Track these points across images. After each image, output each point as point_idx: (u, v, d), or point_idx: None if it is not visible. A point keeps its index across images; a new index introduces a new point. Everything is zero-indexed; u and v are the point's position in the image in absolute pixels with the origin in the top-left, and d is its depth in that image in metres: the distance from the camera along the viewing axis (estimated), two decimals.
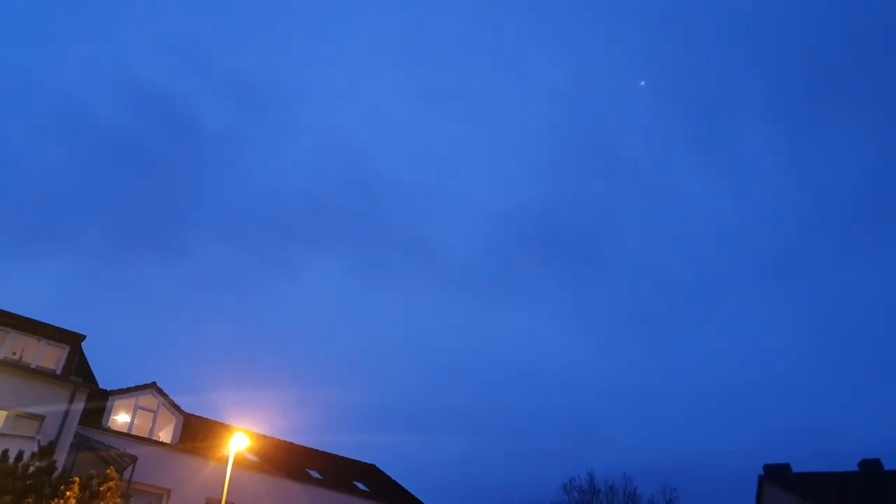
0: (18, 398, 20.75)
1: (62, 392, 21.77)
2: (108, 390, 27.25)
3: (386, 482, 39.09)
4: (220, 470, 22.44)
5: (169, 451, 27.39)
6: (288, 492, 30.31)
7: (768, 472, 38.90)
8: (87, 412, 23.27)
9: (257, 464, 30.06)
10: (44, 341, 22.66)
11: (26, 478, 16.09)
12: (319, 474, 33.38)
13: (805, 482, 36.13)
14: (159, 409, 28.47)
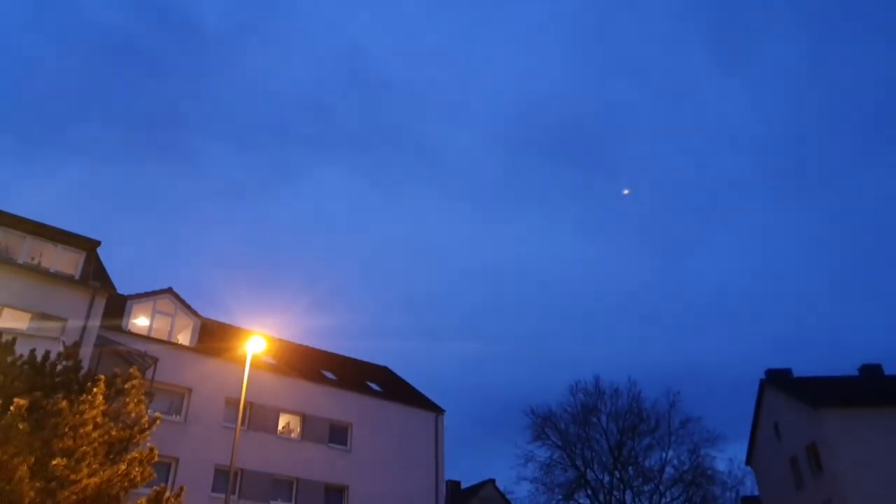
0: (40, 301, 21.29)
1: (82, 296, 22.29)
2: (126, 295, 27.90)
3: (398, 383, 40.51)
4: (238, 371, 23.25)
5: (188, 352, 28.35)
6: (304, 391, 31.53)
7: (770, 377, 39.89)
8: (106, 316, 23.92)
9: (274, 365, 31.11)
10: (60, 246, 23.00)
11: (54, 375, 16.74)
12: (334, 375, 34.59)
13: (805, 386, 37.08)
14: (176, 313, 29.22)
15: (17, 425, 14.12)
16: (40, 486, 14.04)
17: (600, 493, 42.09)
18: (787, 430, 37.40)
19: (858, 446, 31.85)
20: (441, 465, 35.61)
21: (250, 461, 27.20)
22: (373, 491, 31.35)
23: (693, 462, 41.49)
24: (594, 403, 43.10)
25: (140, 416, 17.76)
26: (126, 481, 16.17)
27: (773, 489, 39.57)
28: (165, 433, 20.86)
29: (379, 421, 33.63)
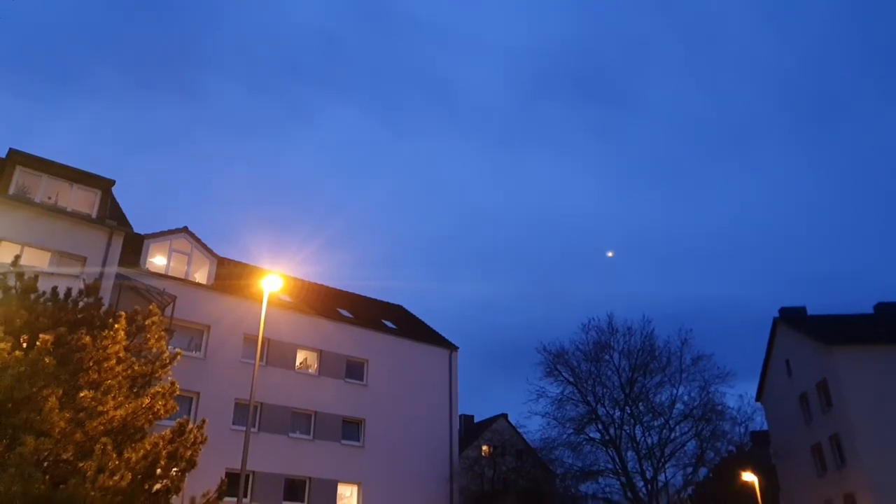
0: (59, 240, 21.57)
1: (99, 235, 22.54)
2: (143, 234, 28.19)
3: (412, 320, 41.07)
4: (255, 308, 23.65)
5: (205, 290, 28.79)
6: (320, 328, 32.09)
7: (783, 315, 39.95)
8: (124, 255, 24.25)
9: (290, 303, 31.57)
10: (76, 186, 23.13)
11: (77, 312, 17.10)
12: (349, 313, 35.10)
13: (819, 324, 37.12)
14: (193, 252, 29.53)
15: (43, 359, 14.53)
16: (69, 416, 14.54)
17: (611, 428, 42.87)
18: (799, 367, 37.70)
19: (869, 383, 32.11)
20: (455, 399, 36.44)
21: (269, 395, 27.97)
22: (389, 424, 32.26)
23: (703, 398, 41.94)
24: (607, 341, 43.31)
25: (161, 351, 18.21)
26: (150, 414, 16.72)
27: (782, 425, 40.22)
28: (186, 369, 21.46)
29: (394, 357, 34.29)
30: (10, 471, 13.43)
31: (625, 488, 42.34)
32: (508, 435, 47.44)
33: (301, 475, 28.96)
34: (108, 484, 14.18)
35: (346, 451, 30.79)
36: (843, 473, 33.10)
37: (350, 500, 30.41)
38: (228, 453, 22.92)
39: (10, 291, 16.33)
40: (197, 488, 17.96)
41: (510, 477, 36.99)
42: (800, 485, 37.82)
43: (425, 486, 31.90)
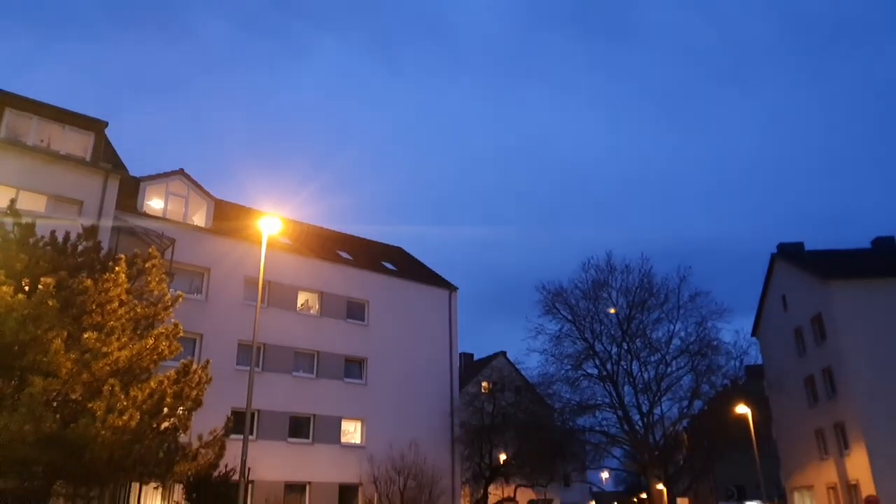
0: (54, 183, 21.36)
1: (94, 178, 22.32)
2: (139, 177, 27.93)
3: (412, 262, 41.22)
4: (255, 251, 23.65)
5: (204, 233, 28.73)
6: (320, 270, 32.22)
7: (781, 251, 40.13)
8: (121, 198, 24.06)
9: (290, 245, 31.58)
10: (68, 128, 22.74)
11: (76, 256, 17.10)
12: (349, 255, 35.17)
13: (816, 259, 37.33)
14: (189, 194, 29.33)
15: (46, 302, 14.62)
16: (75, 358, 14.74)
17: (608, 364, 43.62)
18: (795, 301, 38.14)
19: (863, 316, 32.53)
20: (455, 338, 36.95)
21: (272, 336, 28.31)
22: (390, 363, 32.80)
23: (700, 334, 42.55)
24: (605, 279, 43.59)
25: (162, 294, 18.32)
26: (155, 354, 16.96)
27: (776, 358, 40.98)
28: (188, 311, 21.61)
29: (394, 298, 34.57)
30: (21, 410, 13.70)
31: (621, 421, 43.42)
32: (507, 372, 48.31)
33: (305, 412, 29.61)
34: (117, 423, 14.50)
35: (349, 388, 31.40)
36: (833, 403, 33.92)
37: (354, 435, 31.19)
38: (233, 393, 23.34)
39: (8, 236, 16.28)
40: (204, 426, 18.38)
41: (509, 411, 37.89)
42: (791, 415, 38.81)
43: (427, 421, 32.69)
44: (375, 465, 28.61)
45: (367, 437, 31.01)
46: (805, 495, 38.79)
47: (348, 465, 29.42)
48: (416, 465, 29.03)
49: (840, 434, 33.56)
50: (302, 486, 28.57)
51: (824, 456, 35.35)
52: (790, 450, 39.90)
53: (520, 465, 37.90)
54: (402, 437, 29.74)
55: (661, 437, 43.93)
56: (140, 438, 15.59)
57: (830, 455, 34.60)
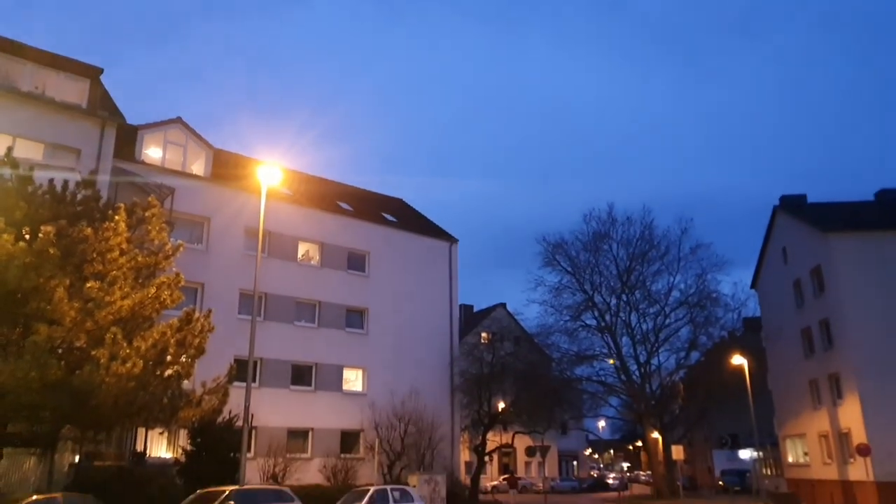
0: (51, 131, 21.10)
1: (91, 125, 22.05)
2: (136, 125, 27.60)
3: (412, 214, 41.12)
4: (255, 200, 23.51)
5: (203, 182, 28.56)
6: (321, 221, 32.15)
7: (783, 203, 39.96)
8: (119, 147, 23.80)
9: (290, 196, 31.43)
10: (63, 75, 22.33)
11: (76, 204, 17.03)
12: (349, 206, 35.05)
13: (819, 211, 37.19)
14: (188, 143, 29.03)
15: (47, 251, 14.62)
16: (78, 306, 14.83)
17: (606, 315, 44.01)
18: (795, 254, 38.17)
19: (863, 269, 32.57)
20: (455, 290, 37.14)
21: (273, 286, 28.44)
22: (391, 313, 33.04)
23: (699, 286, 42.80)
24: (606, 231, 43.64)
25: (163, 243, 18.32)
26: (157, 303, 17.08)
27: (774, 310, 41.26)
28: (189, 261, 21.64)
29: (395, 249, 34.60)
30: (26, 357, 13.86)
31: (618, 371, 44.06)
32: (506, 323, 48.82)
33: (307, 361, 30.00)
34: (121, 370, 14.70)
35: (351, 338, 31.73)
36: (829, 355, 34.31)
37: (355, 383, 31.67)
38: (236, 341, 23.59)
39: (6, 184, 16.17)
40: (207, 374, 18.64)
41: (508, 361, 38.38)
42: (787, 366, 39.31)
43: (427, 370, 33.13)
44: (376, 411, 29.13)
45: (368, 385, 31.50)
46: (797, 443, 39.61)
47: (350, 411, 29.96)
48: (416, 412, 29.56)
49: (834, 384, 34.04)
50: (305, 431, 29.15)
51: (817, 406, 35.95)
52: (784, 400, 40.57)
53: (518, 412, 38.59)
54: (402, 385, 30.20)
55: (658, 387, 44.66)
56: (144, 385, 15.83)
57: (823, 405, 35.19)
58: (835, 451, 34.14)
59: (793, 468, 39.91)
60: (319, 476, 26.34)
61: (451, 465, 32.96)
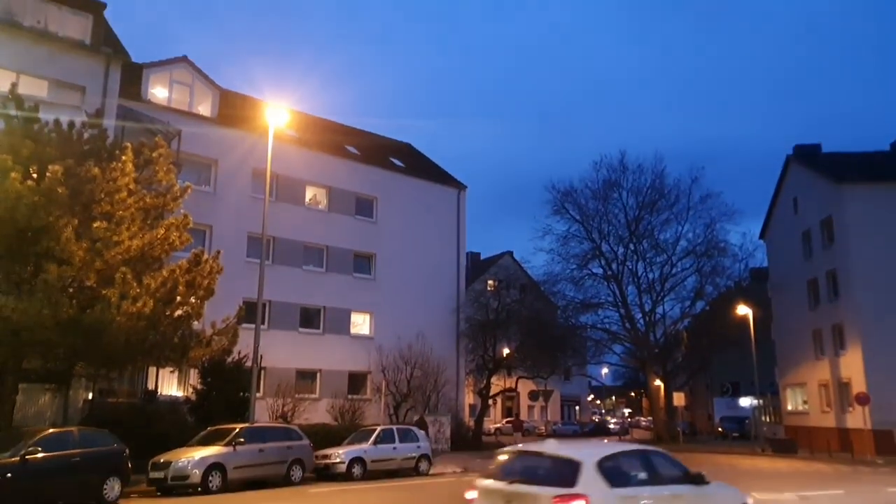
0: (54, 67, 20.76)
1: (96, 63, 21.67)
2: (141, 63, 27.14)
3: (420, 159, 40.75)
4: (262, 142, 23.26)
5: (210, 123, 28.26)
6: (328, 165, 31.92)
7: (797, 152, 39.37)
8: (124, 86, 23.41)
9: (297, 138, 31.12)
10: (65, 9, 21.75)
11: (83, 143, 16.87)
12: (357, 150, 34.73)
13: (832, 161, 36.65)
14: (194, 83, 28.61)
15: (55, 190, 14.58)
16: (87, 246, 14.88)
17: (613, 264, 44.09)
18: (806, 204, 37.83)
19: (874, 221, 32.29)
20: (462, 237, 37.14)
21: (281, 230, 28.40)
22: (398, 259, 33.14)
23: (707, 235, 42.69)
24: (616, 179, 43.31)
25: (170, 184, 18.22)
26: (165, 244, 17.11)
27: (782, 261, 41.19)
28: (197, 203, 21.58)
29: (403, 195, 34.43)
30: (37, 296, 13.99)
31: (623, 320, 44.41)
32: (513, 271, 48.95)
33: (315, 304, 30.28)
34: (132, 309, 14.84)
35: (359, 282, 31.93)
36: (834, 306, 34.39)
37: (363, 327, 32.04)
38: (244, 284, 23.73)
39: (12, 121, 16.02)
40: (217, 315, 18.82)
41: (513, 308, 38.65)
42: (791, 317, 39.48)
43: (434, 315, 33.42)
44: (384, 354, 29.54)
45: (375, 329, 31.86)
46: (797, 391, 40.14)
47: (357, 354, 30.40)
48: (422, 355, 29.97)
49: (837, 335, 34.24)
50: (313, 373, 29.67)
51: (819, 356, 36.26)
52: (787, 349, 40.90)
53: (522, 358, 39.12)
54: (409, 329, 30.50)
55: (662, 335, 45.09)
56: (155, 325, 16.02)
57: (825, 355, 35.49)
58: (834, 400, 34.62)
59: (791, 416, 40.56)
60: (327, 416, 26.91)
61: (456, 408, 33.64)
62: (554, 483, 7.02)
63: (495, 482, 7.64)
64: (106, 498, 13.70)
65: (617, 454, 7.97)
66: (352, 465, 19.13)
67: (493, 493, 7.54)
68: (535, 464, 7.79)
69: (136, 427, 17.72)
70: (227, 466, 16.12)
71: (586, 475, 7.00)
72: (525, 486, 7.22)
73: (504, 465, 8.06)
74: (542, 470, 7.53)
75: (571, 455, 7.50)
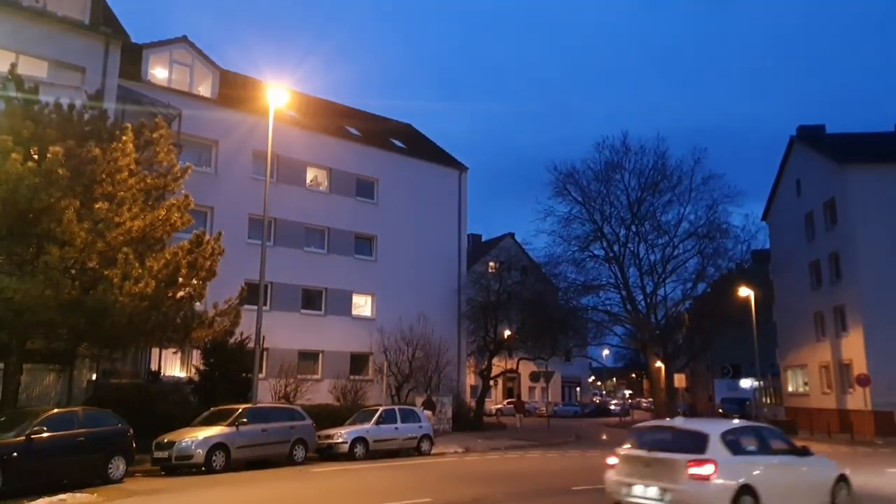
0: (53, 47, 20.60)
1: (95, 43, 21.51)
2: (141, 44, 26.96)
3: (421, 140, 40.59)
4: (262, 123, 23.16)
5: (210, 104, 28.14)
6: (329, 146, 31.82)
7: (800, 133, 39.14)
8: (124, 67, 23.25)
9: (297, 119, 30.99)
10: None
11: (83, 124, 16.80)
12: (357, 131, 34.58)
13: (836, 142, 36.46)
14: (194, 63, 28.43)
15: (56, 171, 14.54)
16: (88, 227, 14.87)
17: (615, 245, 43.97)
18: (809, 186, 37.69)
19: (877, 203, 32.19)
20: (463, 219, 37.11)
21: (282, 211, 28.39)
22: (400, 241, 33.12)
23: (710, 217, 42.51)
24: (618, 160, 43.03)
25: (171, 165, 18.18)
26: (167, 225, 17.10)
27: (784, 243, 41.14)
28: (198, 184, 21.55)
29: (404, 177, 34.33)
30: (39, 277, 14.02)
31: (624, 301, 44.40)
32: (514, 252, 48.86)
33: (317, 286, 30.35)
34: (134, 290, 14.87)
35: (360, 264, 31.95)
36: (836, 288, 34.40)
37: (365, 308, 32.13)
38: (246, 265, 23.74)
39: (12, 101, 15.94)
40: (219, 296, 18.85)
41: (514, 290, 38.68)
42: (793, 299, 39.52)
43: (435, 297, 33.48)
44: (385, 336, 29.62)
45: (377, 311, 31.95)
46: (798, 373, 40.30)
47: (359, 335, 30.49)
48: (423, 337, 30.06)
49: (839, 317, 34.28)
50: (315, 354, 29.80)
51: (820, 337, 36.34)
52: (788, 331, 40.99)
53: (523, 339, 39.22)
54: (410, 311, 30.56)
55: (663, 317, 45.08)
56: (157, 305, 16.06)
57: (827, 337, 35.56)
58: (834, 382, 34.75)
59: (792, 397, 40.75)
60: (329, 396, 27.08)
61: (457, 389, 33.82)
62: (686, 451, 8.84)
63: (634, 450, 9.58)
64: (111, 477, 13.84)
65: (736, 429, 9.67)
66: (354, 444, 19.28)
67: (633, 459, 9.45)
68: (668, 436, 9.64)
69: (140, 407, 17.85)
70: (231, 446, 16.26)
71: (713, 445, 8.78)
72: (662, 453, 9.14)
73: (639, 437, 10.00)
74: (674, 441, 9.33)
75: (700, 429, 9.43)
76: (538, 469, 17.87)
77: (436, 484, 14.16)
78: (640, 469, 9.22)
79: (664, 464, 8.95)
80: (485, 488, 13.09)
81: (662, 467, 8.95)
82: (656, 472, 8.99)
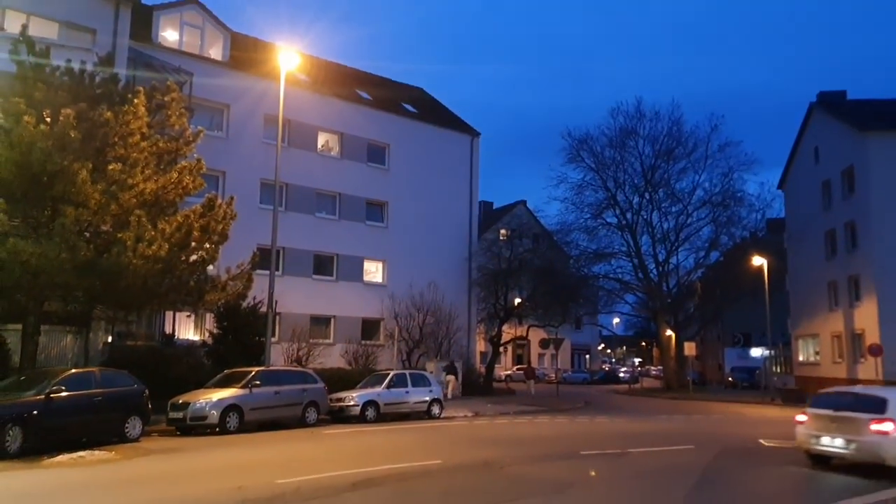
0: (64, 8, 20.44)
1: (105, 4, 21.33)
2: (151, 5, 26.72)
3: (433, 105, 40.19)
4: (274, 87, 22.97)
5: (222, 67, 27.94)
6: (340, 111, 31.59)
7: (821, 99, 38.35)
8: (134, 29, 23.07)
9: (308, 83, 30.73)
10: None
11: (94, 87, 16.75)
12: (369, 95, 34.27)
13: (857, 109, 35.71)
14: (205, 25, 28.17)
15: (68, 134, 14.55)
16: (102, 189, 14.92)
17: (628, 213, 43.81)
18: (827, 153, 37.07)
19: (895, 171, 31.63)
20: (475, 186, 36.89)
21: (294, 176, 28.32)
22: (411, 207, 33.04)
23: (725, 185, 42.14)
24: (633, 126, 42.60)
25: (183, 128, 18.14)
26: (179, 188, 17.13)
27: (800, 211, 40.65)
28: (210, 148, 21.49)
29: (415, 142, 34.10)
30: (55, 239, 14.13)
31: (636, 270, 44.38)
32: (526, 220, 48.71)
33: (329, 252, 30.45)
34: (147, 253, 14.97)
35: (371, 230, 31.97)
36: (851, 257, 34.07)
37: (376, 274, 32.26)
38: (258, 230, 23.81)
39: (23, 64, 15.89)
40: (231, 261, 18.97)
41: (526, 258, 38.65)
42: (807, 268, 39.21)
43: (446, 264, 33.51)
44: (396, 302, 29.77)
45: (388, 277, 32.07)
46: (809, 342, 40.19)
47: (371, 301, 30.67)
48: (434, 303, 30.19)
49: (853, 286, 34.03)
50: (327, 319, 30.05)
51: (833, 307, 36.13)
52: (801, 300, 40.77)
53: (533, 307, 39.30)
54: (421, 277, 30.64)
55: (675, 285, 45.06)
56: (171, 269, 16.18)
57: (840, 306, 35.35)
58: (846, 351, 34.65)
59: (803, 366, 40.72)
60: (341, 360, 27.36)
61: (467, 354, 34.07)
62: (868, 411, 10.69)
63: (821, 410, 11.60)
64: (128, 435, 14.12)
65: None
66: (365, 407, 19.51)
67: (821, 417, 11.47)
68: (850, 399, 11.58)
69: (154, 370, 18.11)
70: (244, 408, 16.50)
71: (892, 407, 10.55)
72: (847, 413, 11.03)
73: (824, 399, 12.03)
74: (856, 403, 11.22)
75: (879, 394, 11.49)
76: (547, 434, 18.05)
77: (446, 446, 14.35)
78: (827, 424, 11.22)
79: (850, 420, 10.86)
80: (494, 451, 13.25)
81: (848, 423, 10.87)
82: (841, 427, 10.94)
